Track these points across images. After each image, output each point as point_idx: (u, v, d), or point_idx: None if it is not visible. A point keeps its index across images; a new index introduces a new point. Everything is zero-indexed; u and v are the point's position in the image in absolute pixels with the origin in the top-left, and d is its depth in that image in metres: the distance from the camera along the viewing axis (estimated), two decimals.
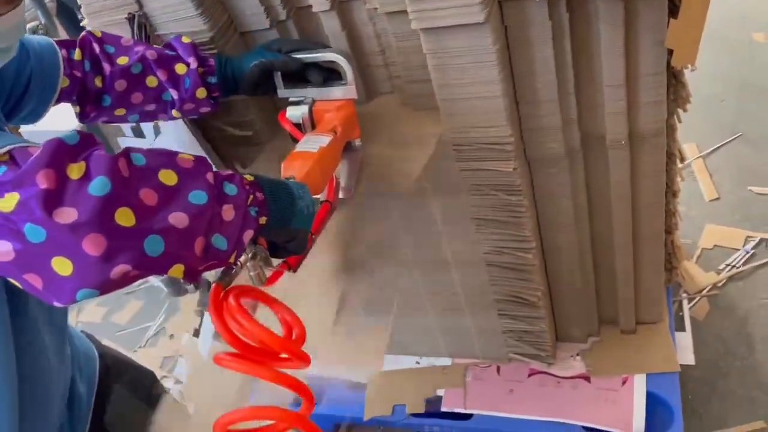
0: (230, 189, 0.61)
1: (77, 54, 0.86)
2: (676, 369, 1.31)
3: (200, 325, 0.99)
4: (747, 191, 1.87)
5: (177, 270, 0.55)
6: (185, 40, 0.90)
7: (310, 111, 0.89)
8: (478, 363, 1.44)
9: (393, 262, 1.19)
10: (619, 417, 1.27)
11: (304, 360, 0.64)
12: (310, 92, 0.91)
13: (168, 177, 0.56)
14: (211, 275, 0.65)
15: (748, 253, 1.69)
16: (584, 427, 1.26)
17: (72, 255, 0.49)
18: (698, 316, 1.59)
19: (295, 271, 0.74)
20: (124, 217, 0.51)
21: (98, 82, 0.86)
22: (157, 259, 0.53)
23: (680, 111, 1.10)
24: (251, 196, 0.63)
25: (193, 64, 0.89)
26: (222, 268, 0.64)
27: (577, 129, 1.03)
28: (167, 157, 0.58)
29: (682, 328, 1.56)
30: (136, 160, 0.56)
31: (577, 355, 1.40)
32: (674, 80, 1.04)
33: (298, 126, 0.90)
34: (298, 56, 0.90)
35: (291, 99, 0.92)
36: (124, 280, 0.52)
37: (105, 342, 1.02)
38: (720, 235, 1.77)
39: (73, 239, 0.49)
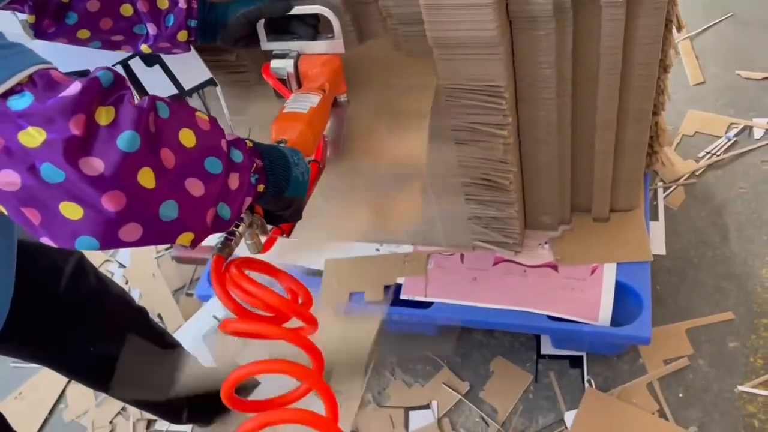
0: (236, 155, 0.58)
1: None
2: (648, 258, 1.24)
3: None
4: (734, 75, 1.76)
5: (185, 238, 0.53)
6: None
7: (296, 66, 0.85)
8: (441, 251, 1.36)
9: None
10: (585, 306, 1.21)
11: (313, 324, 0.64)
12: (295, 45, 0.86)
13: (187, 138, 0.54)
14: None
15: (729, 140, 1.61)
16: (549, 317, 1.20)
17: (86, 205, 0.47)
18: (673, 205, 1.52)
19: (288, 235, 0.71)
20: (146, 178, 0.49)
21: None
22: (169, 224, 0.51)
23: None
24: (254, 164, 0.61)
25: (182, 4, 0.82)
26: (221, 240, 0.64)
27: None
28: (187, 113, 0.56)
29: (655, 218, 1.50)
30: (161, 111, 0.52)
31: (546, 243, 1.32)
32: None
33: (282, 81, 0.86)
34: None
35: (275, 52, 0.87)
36: (128, 242, 0.50)
37: None
38: (702, 121, 1.67)
39: (93, 191, 0.46)
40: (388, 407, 1.34)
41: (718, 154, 1.59)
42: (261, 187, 0.62)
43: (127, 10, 0.81)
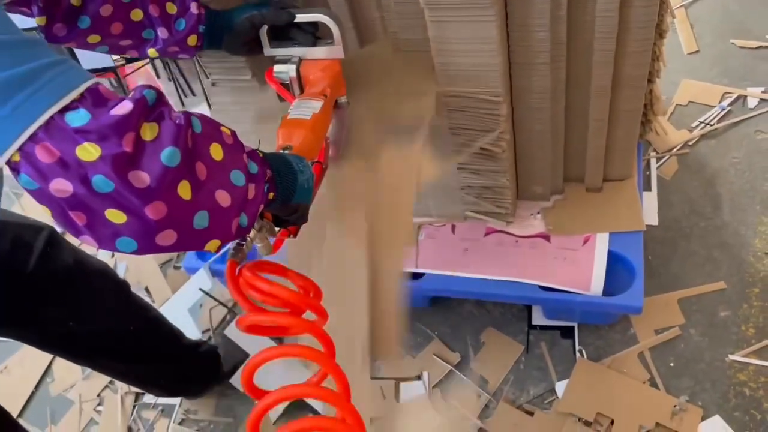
0: (252, 167, 0.62)
1: None
2: (641, 228, 1.23)
3: None
4: (729, 44, 1.73)
5: (212, 245, 0.57)
6: None
7: (298, 71, 0.88)
8: (432, 221, 1.34)
9: None
10: (578, 276, 1.20)
11: (324, 315, 0.68)
12: (297, 51, 0.89)
13: (216, 151, 0.57)
14: None
15: (723, 110, 1.59)
16: (541, 287, 1.19)
17: (130, 212, 0.50)
18: (666, 175, 1.50)
19: (295, 236, 0.74)
20: (184, 190, 0.53)
21: (75, 1, 0.78)
22: (200, 232, 0.55)
23: None
24: (266, 174, 0.64)
25: (194, 9, 0.84)
26: (234, 245, 0.68)
27: None
28: (215, 128, 0.59)
29: (648, 188, 1.49)
30: (196, 126, 0.56)
31: (538, 213, 1.30)
32: None
33: (285, 86, 0.90)
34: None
35: (277, 57, 0.90)
36: (163, 246, 0.53)
37: None
38: (696, 90, 1.65)
39: (138, 201, 0.50)
40: (379, 379, 1.33)
41: (711, 123, 1.57)
42: (271, 195, 0.65)
43: (137, 14, 0.82)
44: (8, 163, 0.48)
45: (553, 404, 1.23)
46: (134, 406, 1.44)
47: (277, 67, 0.89)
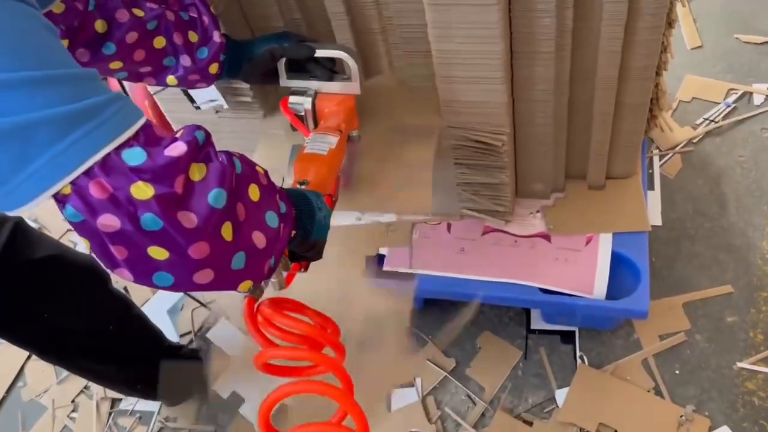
0: (282, 207, 0.62)
1: None
2: (646, 228, 1.17)
3: None
4: (733, 39, 1.68)
5: (245, 285, 0.58)
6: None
7: (313, 103, 0.90)
8: (427, 220, 1.27)
9: None
10: (580, 278, 1.14)
11: (341, 352, 0.69)
12: (313, 84, 0.91)
13: (254, 192, 0.58)
14: None
15: (728, 106, 1.53)
16: (541, 289, 1.13)
17: (174, 251, 0.50)
18: (669, 173, 1.45)
19: (306, 270, 0.73)
20: (227, 231, 0.53)
21: (100, 27, 0.78)
22: (237, 273, 0.56)
23: None
24: (293, 214, 0.65)
25: (217, 38, 0.86)
26: None
27: None
28: (252, 168, 0.60)
29: (651, 187, 1.44)
30: (237, 167, 0.56)
31: (538, 212, 1.24)
32: None
33: (299, 117, 0.91)
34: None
35: (293, 89, 0.92)
36: (199, 284, 0.53)
37: None
38: (700, 86, 1.59)
39: (184, 241, 0.50)
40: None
41: (716, 120, 1.52)
42: (293, 233, 0.65)
43: (160, 42, 0.83)
44: (55, 194, 0.47)
45: (553, 413, 1.18)
46: (110, 413, 1.36)
47: (292, 98, 0.90)
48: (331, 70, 0.91)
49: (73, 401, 1.39)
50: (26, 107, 0.44)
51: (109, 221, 0.48)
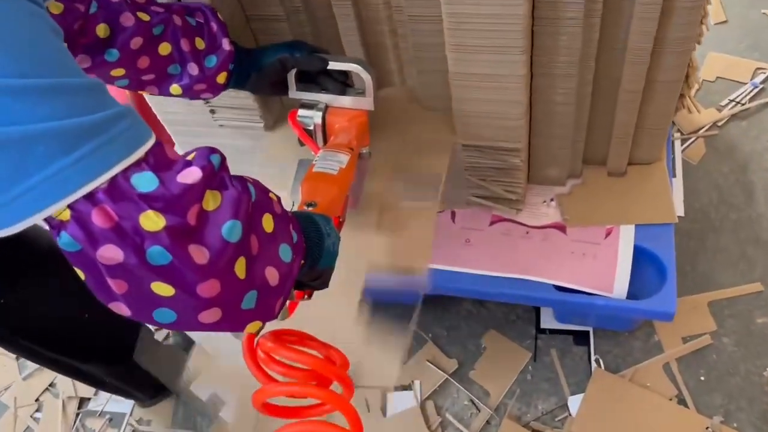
0: (294, 237, 0.58)
1: None
2: (672, 220, 1.07)
3: None
4: (760, 14, 1.58)
5: (254, 326, 0.54)
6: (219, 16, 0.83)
7: (323, 118, 0.86)
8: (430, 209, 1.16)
9: None
10: (599, 275, 1.04)
11: (349, 387, 0.64)
12: (324, 98, 0.87)
13: (268, 223, 0.53)
14: None
15: (756, 87, 1.44)
16: (556, 287, 1.03)
17: (181, 288, 0.46)
18: (692, 159, 1.35)
19: (310, 297, 0.69)
20: (240, 268, 0.49)
21: (102, 32, 0.73)
22: (246, 313, 0.51)
23: None
24: (303, 245, 0.61)
25: (226, 45, 0.82)
26: None
27: None
28: (265, 194, 0.55)
29: (672, 174, 1.32)
30: (252, 194, 0.51)
31: (552, 200, 1.13)
32: None
33: (308, 131, 0.87)
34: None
35: (303, 101, 0.88)
36: (204, 324, 0.48)
37: None
38: (725, 65, 1.48)
39: (194, 277, 0.46)
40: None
41: (742, 102, 1.42)
42: (301, 262, 0.60)
43: (165, 48, 0.78)
44: (48, 218, 0.42)
45: (565, 423, 1.09)
46: (78, 414, 1.26)
47: (301, 112, 0.86)
48: (344, 83, 0.88)
49: (37, 400, 1.30)
50: (29, 117, 0.39)
51: (110, 253, 0.44)
